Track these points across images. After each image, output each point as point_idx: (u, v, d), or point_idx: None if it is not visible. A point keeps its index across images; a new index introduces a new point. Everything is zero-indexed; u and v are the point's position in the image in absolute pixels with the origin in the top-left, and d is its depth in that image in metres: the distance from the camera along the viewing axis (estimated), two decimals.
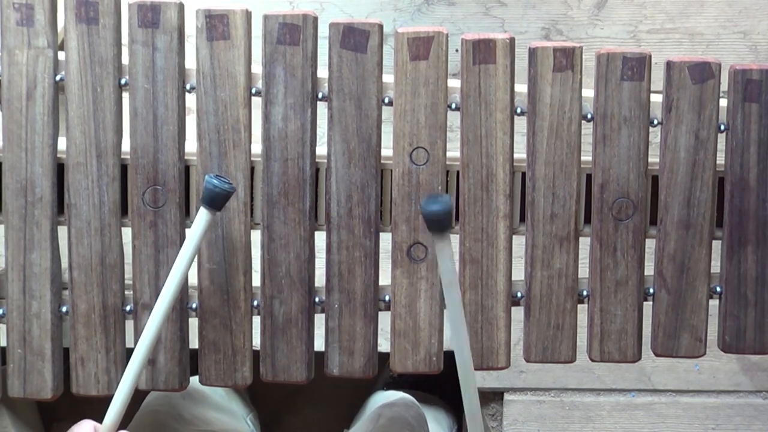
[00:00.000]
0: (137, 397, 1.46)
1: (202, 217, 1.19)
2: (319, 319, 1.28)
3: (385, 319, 1.29)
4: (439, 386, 1.88)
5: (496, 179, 1.25)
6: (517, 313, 1.29)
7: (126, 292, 1.27)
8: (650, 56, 1.24)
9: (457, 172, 1.26)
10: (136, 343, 1.26)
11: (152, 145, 1.24)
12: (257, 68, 1.25)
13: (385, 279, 1.27)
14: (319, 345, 1.28)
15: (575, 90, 1.24)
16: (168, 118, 1.24)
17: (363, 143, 1.25)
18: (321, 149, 1.26)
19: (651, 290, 1.28)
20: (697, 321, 1.28)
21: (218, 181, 1.17)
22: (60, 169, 1.25)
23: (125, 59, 1.24)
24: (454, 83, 1.25)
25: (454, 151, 1.26)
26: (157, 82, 1.24)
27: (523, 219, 1.28)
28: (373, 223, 1.26)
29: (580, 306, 1.28)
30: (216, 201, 1.18)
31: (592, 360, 1.29)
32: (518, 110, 1.25)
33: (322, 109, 1.25)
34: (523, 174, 1.27)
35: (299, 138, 1.25)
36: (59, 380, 1.28)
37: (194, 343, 1.28)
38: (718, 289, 1.28)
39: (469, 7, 1.70)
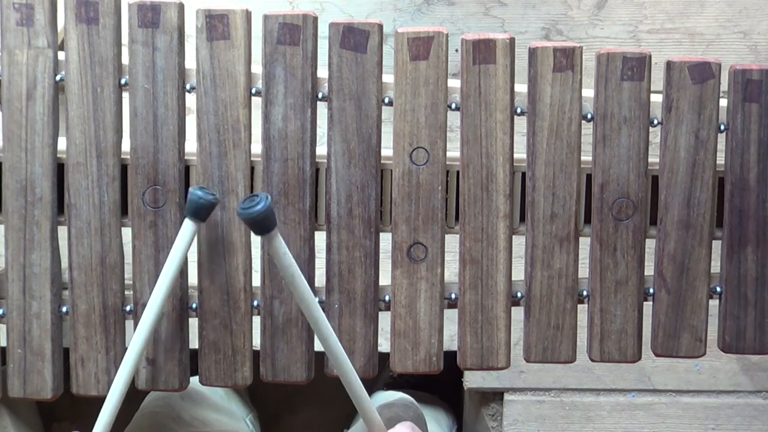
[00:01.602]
0: (136, 397, 1.47)
1: (187, 228, 1.19)
2: None
3: (385, 319, 1.29)
4: (439, 386, 1.88)
5: (496, 179, 1.25)
6: (517, 313, 1.29)
7: (126, 292, 1.27)
8: (650, 56, 1.24)
9: (457, 172, 1.26)
10: None
11: (152, 145, 1.24)
12: (257, 68, 1.25)
13: (385, 279, 1.27)
14: (319, 345, 1.28)
15: (575, 90, 1.24)
16: (168, 118, 1.24)
17: (363, 143, 1.25)
18: (321, 149, 1.26)
19: (651, 290, 1.28)
20: (697, 321, 1.28)
21: (202, 192, 1.17)
22: (60, 169, 1.25)
23: (125, 59, 1.24)
24: (454, 83, 1.25)
25: (454, 151, 1.26)
26: (157, 82, 1.24)
27: (523, 219, 1.28)
28: (373, 223, 1.26)
29: (580, 306, 1.28)
30: (200, 212, 1.18)
31: (592, 360, 1.29)
32: (518, 110, 1.25)
33: (322, 109, 1.25)
34: (523, 174, 1.27)
35: (299, 138, 1.25)
36: (59, 380, 1.28)
37: (194, 343, 1.28)
38: (718, 289, 1.28)
39: (469, 7, 1.70)
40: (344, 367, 1.21)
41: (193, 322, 1.28)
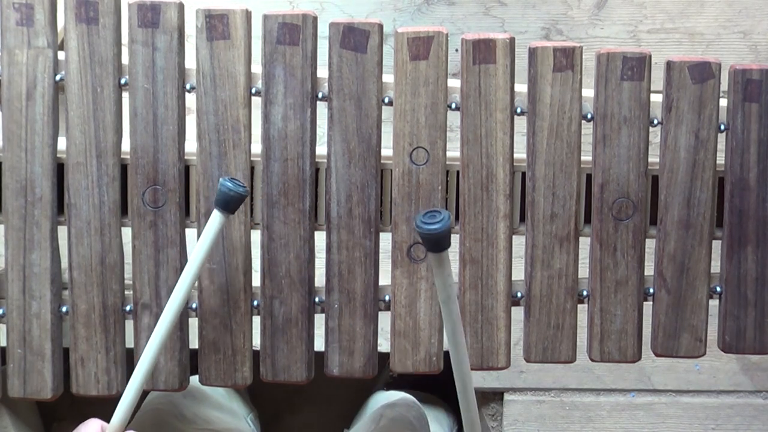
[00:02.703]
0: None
1: (215, 219, 1.18)
2: (319, 319, 1.28)
3: (385, 319, 1.29)
4: (439, 386, 1.88)
5: (496, 179, 1.25)
6: (517, 313, 1.29)
7: (126, 292, 1.27)
8: (650, 56, 1.24)
9: (457, 172, 1.26)
10: (136, 343, 1.26)
11: (152, 145, 1.24)
12: (257, 68, 1.25)
13: (385, 279, 1.27)
14: (319, 345, 1.28)
15: (575, 90, 1.24)
16: (168, 118, 1.24)
17: (363, 143, 1.25)
18: (321, 149, 1.26)
19: (651, 290, 1.28)
20: (697, 321, 1.28)
21: (233, 184, 1.17)
22: (60, 169, 1.25)
23: (125, 59, 1.24)
24: (454, 83, 1.25)
25: (454, 151, 1.26)
26: (157, 82, 1.24)
27: (523, 219, 1.28)
28: (373, 223, 1.26)
29: (580, 306, 1.28)
30: (230, 204, 1.18)
31: (592, 360, 1.29)
32: (518, 110, 1.25)
33: (322, 109, 1.25)
34: (523, 174, 1.27)
35: (299, 138, 1.25)
36: (59, 380, 1.28)
37: (194, 343, 1.28)
38: (718, 289, 1.28)
39: (469, 7, 1.70)
40: (470, 399, 1.19)
41: (193, 322, 1.28)
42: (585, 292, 1.28)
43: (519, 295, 1.28)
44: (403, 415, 1.56)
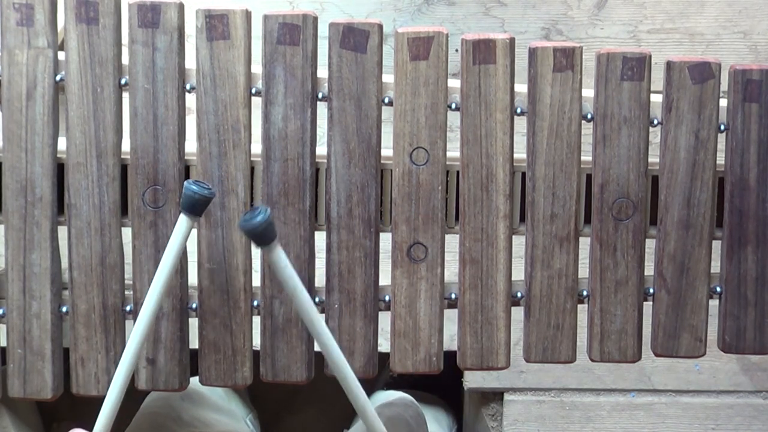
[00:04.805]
0: (136, 398, 1.47)
1: (182, 223, 1.17)
2: None
3: (385, 319, 1.29)
4: (439, 386, 1.88)
5: (496, 179, 1.25)
6: (517, 313, 1.29)
7: (126, 292, 1.27)
8: (650, 56, 1.24)
9: (457, 172, 1.26)
10: None
11: (152, 145, 1.24)
12: (257, 68, 1.25)
13: (385, 279, 1.27)
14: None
15: (575, 90, 1.24)
16: (168, 118, 1.24)
17: (363, 143, 1.25)
18: (321, 149, 1.26)
19: (651, 290, 1.28)
20: (697, 321, 1.28)
21: (198, 187, 1.16)
22: (60, 169, 1.25)
23: (125, 59, 1.24)
24: (454, 83, 1.25)
25: (454, 151, 1.26)
26: (157, 82, 1.24)
27: (523, 219, 1.28)
28: (373, 223, 1.26)
29: (580, 306, 1.28)
30: (196, 207, 1.16)
31: (592, 360, 1.29)
32: (518, 110, 1.25)
33: (322, 109, 1.25)
34: (523, 174, 1.27)
35: (299, 138, 1.25)
36: (59, 380, 1.28)
37: (194, 343, 1.28)
38: (718, 289, 1.28)
39: (469, 7, 1.70)
40: (349, 381, 1.21)
41: (193, 322, 1.28)
42: (585, 292, 1.28)
43: (519, 295, 1.28)
44: (400, 414, 1.56)
